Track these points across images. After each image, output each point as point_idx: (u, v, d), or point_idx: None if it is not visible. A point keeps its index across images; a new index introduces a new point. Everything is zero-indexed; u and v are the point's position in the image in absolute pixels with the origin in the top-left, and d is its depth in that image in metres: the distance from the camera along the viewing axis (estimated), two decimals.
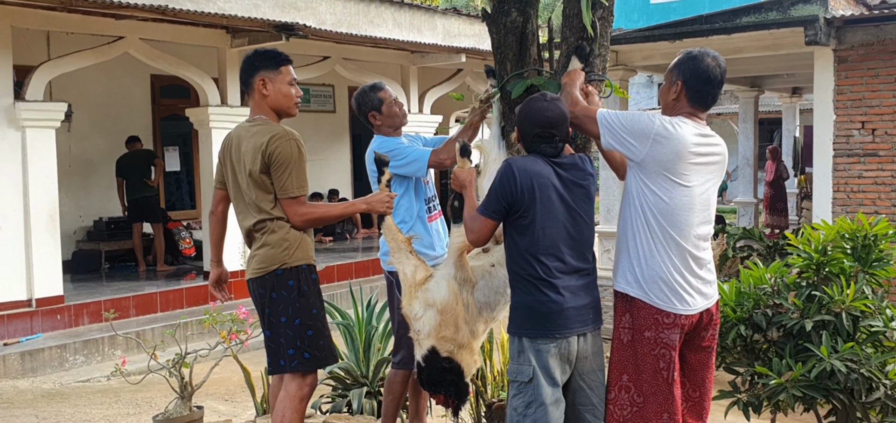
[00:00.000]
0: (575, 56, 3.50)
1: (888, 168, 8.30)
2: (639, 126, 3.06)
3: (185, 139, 12.72)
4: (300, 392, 3.42)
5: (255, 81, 3.51)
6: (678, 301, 3.06)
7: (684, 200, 3.05)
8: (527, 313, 3.04)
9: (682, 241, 3.07)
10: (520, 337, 3.06)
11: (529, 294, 3.03)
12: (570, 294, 3.03)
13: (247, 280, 3.56)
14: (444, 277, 3.35)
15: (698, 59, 3.13)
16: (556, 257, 3.03)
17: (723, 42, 8.92)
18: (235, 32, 9.65)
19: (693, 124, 3.10)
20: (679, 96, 3.13)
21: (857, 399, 3.87)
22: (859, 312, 3.92)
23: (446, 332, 3.29)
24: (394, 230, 3.58)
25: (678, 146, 3.01)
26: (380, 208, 3.56)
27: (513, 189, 3.01)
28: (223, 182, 3.67)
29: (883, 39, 8.25)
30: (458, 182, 3.33)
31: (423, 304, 3.33)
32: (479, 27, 13.56)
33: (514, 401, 3.07)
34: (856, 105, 8.34)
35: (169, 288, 9.62)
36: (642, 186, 3.07)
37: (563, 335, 3.01)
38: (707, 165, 3.14)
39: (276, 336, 3.44)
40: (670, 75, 3.20)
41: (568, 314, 3.01)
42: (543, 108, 3.10)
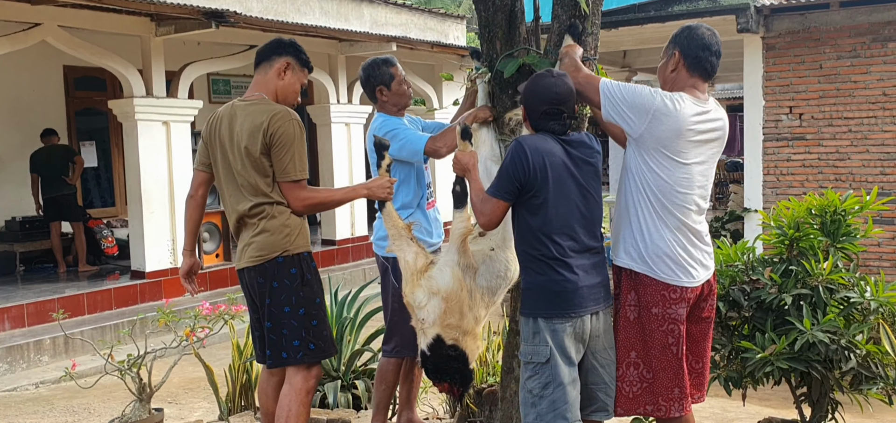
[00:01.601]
0: (568, 34, 3.46)
1: (815, 151, 8.66)
2: (640, 101, 3.04)
3: (102, 134, 12.11)
4: (306, 385, 3.26)
5: (282, 60, 3.40)
6: (683, 275, 3.08)
7: (683, 177, 3.06)
8: (541, 294, 2.99)
9: (682, 216, 3.08)
10: (534, 318, 3.01)
11: (543, 274, 2.99)
12: (584, 273, 3.01)
13: (241, 269, 3.36)
14: (448, 263, 3.26)
15: (693, 28, 3.18)
16: (569, 236, 3.00)
17: (656, 30, 9.11)
18: (161, 20, 9.21)
19: (692, 101, 3.11)
20: (678, 67, 3.14)
21: (835, 369, 3.99)
22: (835, 284, 4.03)
23: (451, 319, 3.21)
24: (394, 216, 3.46)
25: (677, 124, 3.01)
26: (380, 194, 3.43)
27: (525, 168, 2.95)
28: (207, 163, 3.47)
29: (808, 27, 8.60)
30: (461, 166, 3.24)
31: (426, 292, 3.23)
32: (405, 16, 13.46)
33: (529, 383, 3.02)
34: (783, 90, 8.67)
35: (95, 289, 9.13)
36: (641, 162, 3.07)
37: (579, 314, 2.98)
38: (706, 142, 3.15)
39: (277, 327, 3.26)
40: (667, 49, 3.22)
41: (582, 293, 2.98)
42: (551, 84, 3.05)
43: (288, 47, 3.44)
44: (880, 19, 8.27)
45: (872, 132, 8.38)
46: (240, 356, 5.02)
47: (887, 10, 8.22)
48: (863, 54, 8.36)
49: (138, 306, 9.31)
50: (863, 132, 8.42)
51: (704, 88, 3.20)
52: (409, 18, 13.41)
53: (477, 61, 3.77)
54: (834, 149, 8.58)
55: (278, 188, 3.27)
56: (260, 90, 3.37)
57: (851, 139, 8.49)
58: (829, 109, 8.58)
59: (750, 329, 4.25)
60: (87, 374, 6.53)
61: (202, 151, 3.49)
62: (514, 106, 3.62)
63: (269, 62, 3.40)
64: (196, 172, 3.53)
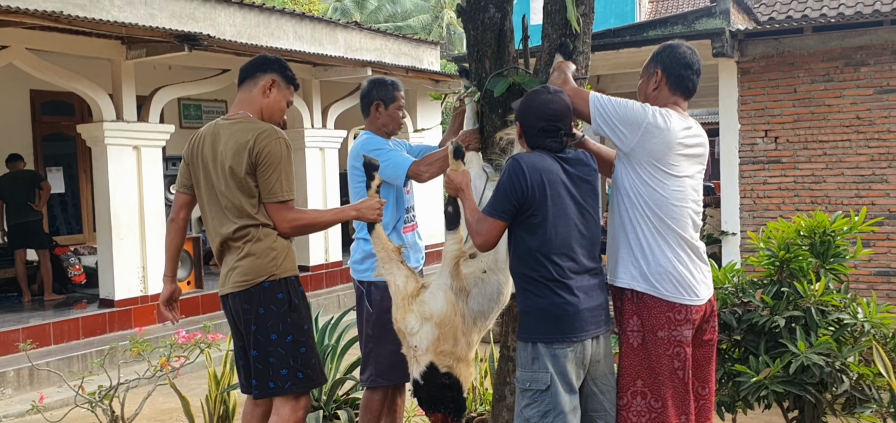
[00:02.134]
0: (559, 53, 3.40)
1: (790, 174, 8.71)
2: (631, 115, 2.99)
3: (69, 159, 11.84)
4: (295, 416, 3.12)
5: (267, 77, 3.28)
6: (687, 293, 3.00)
7: (677, 190, 3.01)
8: (541, 317, 2.87)
9: (681, 231, 3.02)
10: (533, 342, 2.88)
11: (542, 297, 2.87)
12: (584, 295, 2.89)
13: (224, 295, 3.21)
14: (441, 287, 3.14)
15: (675, 47, 3.16)
16: (568, 256, 2.89)
17: (632, 55, 9.13)
18: (132, 43, 9.03)
19: (678, 116, 3.07)
20: (660, 85, 3.11)
21: (829, 392, 3.94)
22: (828, 306, 3.99)
23: (445, 346, 3.08)
24: (383, 239, 3.34)
25: (667, 138, 2.97)
26: (370, 216, 3.31)
27: (523, 186, 2.84)
28: (189, 185, 3.33)
29: (782, 51, 8.68)
30: (453, 186, 3.11)
31: (418, 317, 3.10)
32: (380, 41, 13.41)
33: (526, 411, 2.88)
34: (759, 114, 8.72)
35: (62, 318, 8.85)
36: (634, 178, 3.01)
37: (580, 339, 2.86)
38: (694, 156, 3.11)
39: (264, 356, 3.11)
40: (647, 68, 3.20)
41: (583, 316, 2.87)
42: (548, 100, 2.97)
43: (273, 64, 3.33)
44: (852, 44, 8.37)
45: (847, 155, 8.45)
46: (217, 386, 4.85)
47: (859, 35, 8.33)
48: (836, 78, 8.45)
49: (107, 335, 9.05)
50: (837, 155, 8.49)
51: (685, 106, 3.15)
52: (384, 44, 13.35)
53: (466, 80, 3.70)
54: (809, 172, 8.63)
55: (264, 210, 3.14)
56: (244, 108, 3.25)
57: (826, 162, 8.56)
58: (803, 132, 8.64)
59: (741, 352, 4.20)
60: (53, 407, 6.30)
61: (184, 172, 3.34)
62: (503, 125, 3.55)
63: (253, 80, 3.28)
64: (177, 194, 3.39)
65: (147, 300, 9.57)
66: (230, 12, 10.95)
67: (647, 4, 27.54)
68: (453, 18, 37.06)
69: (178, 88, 10.11)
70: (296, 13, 11.71)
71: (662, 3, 29.02)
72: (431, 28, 35.83)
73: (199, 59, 9.90)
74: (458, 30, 36.67)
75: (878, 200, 8.08)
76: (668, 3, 29.07)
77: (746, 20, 9.54)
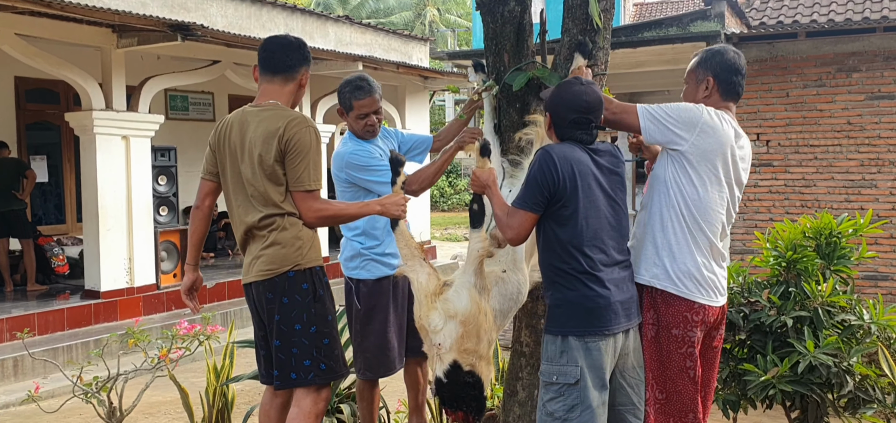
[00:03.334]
0: (578, 53, 3.38)
1: (781, 178, 8.78)
2: (686, 115, 2.98)
3: (53, 148, 11.67)
4: (316, 408, 3.08)
5: (303, 70, 3.23)
6: (706, 295, 3.00)
7: (718, 196, 3.01)
8: (573, 310, 2.82)
9: (712, 236, 3.02)
10: (564, 336, 2.83)
11: (574, 289, 2.82)
12: (615, 288, 2.86)
13: (248, 284, 3.16)
14: (465, 285, 3.09)
15: (723, 53, 3.13)
16: (599, 248, 2.85)
17: (627, 55, 9.17)
18: (123, 31, 8.92)
19: (729, 120, 3.07)
20: (711, 92, 3.10)
21: (835, 393, 3.97)
22: (834, 307, 4.03)
23: (469, 344, 3.05)
24: (406, 235, 3.30)
25: (722, 138, 2.96)
26: (394, 211, 3.26)
27: (555, 177, 2.80)
28: (214, 172, 3.27)
29: (775, 56, 8.75)
30: (479, 183, 3.06)
31: (442, 315, 3.07)
32: (370, 36, 13.36)
33: (550, 405, 2.84)
34: (751, 118, 8.78)
35: (45, 309, 8.72)
36: (681, 175, 2.99)
37: (612, 332, 2.82)
38: (741, 161, 3.10)
39: (287, 346, 3.07)
40: (696, 74, 3.16)
41: (615, 309, 2.83)
42: (580, 92, 2.92)
43: (306, 54, 3.26)
44: (845, 50, 8.45)
45: (837, 160, 8.54)
46: (217, 378, 4.79)
47: (851, 41, 8.41)
48: (828, 84, 8.53)
49: (93, 327, 8.94)
50: (828, 159, 8.57)
51: (734, 111, 3.16)
52: (374, 39, 13.30)
53: (483, 74, 3.67)
54: (800, 175, 8.71)
55: (291, 199, 3.10)
56: (273, 98, 3.19)
57: (817, 167, 8.64)
58: (795, 136, 8.71)
59: (747, 352, 4.22)
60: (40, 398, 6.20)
61: (209, 159, 3.29)
62: (520, 119, 3.54)
63: (292, 74, 3.20)
64: (202, 181, 3.33)
65: (133, 292, 9.45)
66: (222, 3, 10.86)
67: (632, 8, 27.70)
68: (436, 15, 37.04)
69: (169, 77, 9.99)
70: (287, 6, 11.62)
71: (646, 8, 29.20)
72: (414, 25, 35.80)
73: (188, 50, 9.79)
74: (440, 27, 36.67)
75: (867, 204, 8.16)
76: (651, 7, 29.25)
77: (739, 24, 9.60)
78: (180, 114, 13.25)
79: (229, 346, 4.94)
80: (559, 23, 3.57)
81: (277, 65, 3.21)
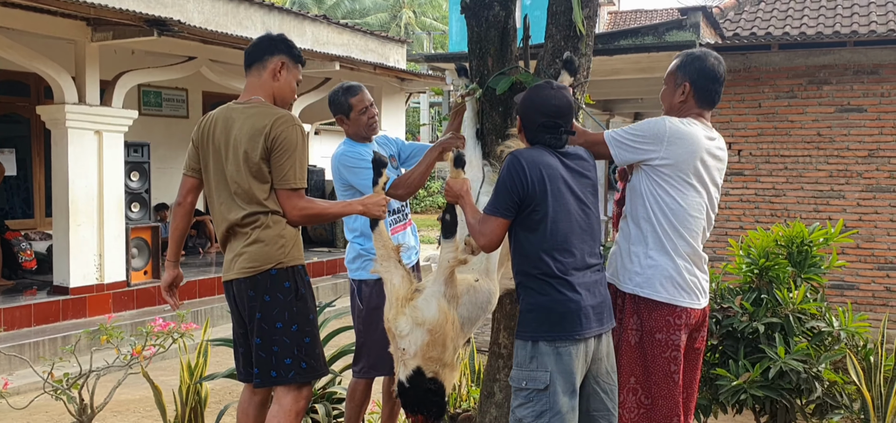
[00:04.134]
0: (565, 70, 3.40)
1: (752, 187, 8.92)
2: (651, 131, 3.02)
3: (22, 141, 11.48)
4: (296, 406, 3.07)
5: (275, 60, 3.21)
6: (687, 298, 3.05)
7: (695, 201, 3.05)
8: (544, 315, 2.82)
9: (691, 240, 3.07)
10: (534, 341, 2.82)
11: (544, 294, 2.82)
12: (587, 292, 2.85)
13: (228, 281, 3.15)
14: (434, 294, 3.13)
15: (703, 59, 3.15)
16: (570, 252, 2.85)
17: (602, 63, 9.24)
18: (98, 25, 8.80)
19: (701, 126, 3.11)
20: (687, 97, 3.13)
21: (804, 398, 4.05)
22: (805, 314, 4.11)
23: (434, 352, 3.08)
24: (384, 236, 3.34)
25: (693, 145, 3.00)
26: (375, 212, 3.30)
27: (524, 182, 2.81)
28: (197, 169, 3.26)
29: (748, 67, 8.89)
30: (452, 193, 3.08)
31: (410, 321, 3.11)
32: (347, 37, 13.33)
33: (520, 411, 2.84)
34: (724, 127, 8.90)
35: (12, 305, 8.56)
36: (656, 187, 3.03)
37: (583, 336, 2.82)
38: (716, 167, 3.15)
39: (268, 344, 3.06)
40: (674, 77, 3.19)
41: (587, 313, 2.83)
42: (550, 96, 2.94)
43: (279, 44, 3.27)
44: (816, 63, 8.61)
45: (807, 170, 8.69)
46: (190, 376, 4.76)
47: (823, 54, 8.58)
48: (799, 95, 8.68)
49: (61, 323, 8.81)
50: (798, 170, 8.72)
51: (708, 117, 3.20)
52: (351, 39, 13.28)
53: (466, 78, 3.70)
54: (770, 185, 8.85)
55: (274, 197, 3.10)
56: (255, 94, 3.19)
57: (787, 176, 8.78)
58: (766, 146, 8.85)
59: (719, 357, 4.29)
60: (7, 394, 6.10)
61: (192, 155, 3.28)
62: (504, 123, 3.57)
63: (261, 63, 3.22)
64: (184, 178, 3.32)
65: (102, 289, 9.33)
66: None
67: (606, 16, 27.94)
68: (412, 18, 37.05)
69: (143, 73, 9.90)
70: (264, 4, 11.57)
71: (621, 16, 29.48)
72: (389, 27, 35.76)
73: (163, 46, 9.71)
74: (416, 29, 36.68)
75: (835, 215, 8.32)
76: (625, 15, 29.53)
77: (714, 35, 9.74)
78: (154, 110, 13.11)
79: (203, 344, 4.91)
80: (542, 28, 3.61)
81: (249, 58, 3.28)
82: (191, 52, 10.32)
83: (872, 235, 8.49)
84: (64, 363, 4.86)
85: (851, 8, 9.08)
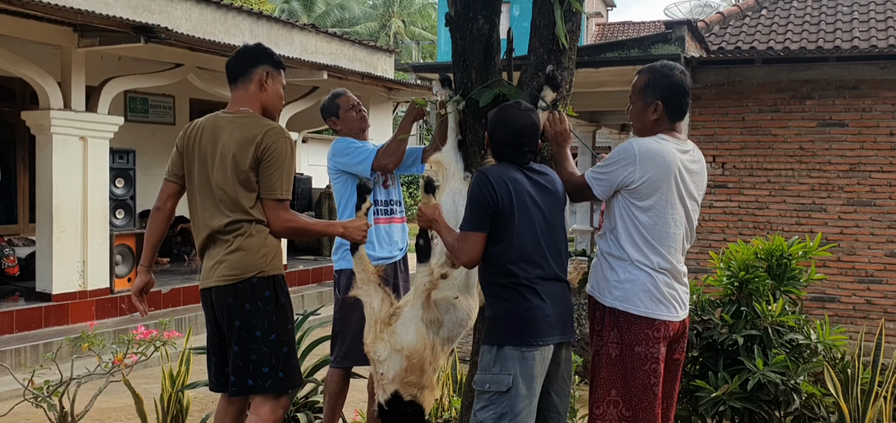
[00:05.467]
0: (547, 86, 3.45)
1: (736, 199, 8.99)
2: (623, 158, 3.07)
3: (5, 146, 11.42)
4: (274, 415, 3.08)
5: (259, 70, 3.24)
6: (665, 311, 3.09)
7: (671, 218, 3.09)
8: (509, 320, 2.93)
9: (668, 255, 3.10)
10: (500, 346, 2.93)
11: (510, 301, 2.94)
12: (551, 300, 2.97)
13: (207, 288, 3.16)
14: (412, 319, 3.19)
15: (670, 75, 3.16)
16: (535, 263, 2.97)
17: (589, 75, 9.30)
18: (85, 31, 8.79)
19: (673, 141, 3.14)
20: (660, 115, 3.15)
21: (782, 410, 4.09)
22: (783, 326, 4.15)
23: (411, 377, 3.17)
24: (365, 260, 3.43)
25: (665, 161, 3.03)
26: (356, 236, 3.38)
27: (494, 196, 2.93)
28: (180, 175, 3.28)
29: (732, 81, 8.97)
30: (425, 218, 3.18)
31: (388, 347, 3.15)
32: (336, 46, 13.36)
33: (481, 414, 2.94)
34: (708, 140, 8.98)
35: None
36: (631, 207, 3.07)
37: (546, 342, 2.94)
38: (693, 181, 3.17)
39: (246, 353, 3.07)
40: (643, 96, 3.19)
41: (551, 321, 2.95)
42: (516, 116, 3.06)
43: (260, 55, 3.30)
44: (799, 78, 8.71)
45: (790, 183, 8.77)
46: (172, 384, 4.75)
47: (805, 69, 8.67)
48: (783, 109, 8.77)
49: (42, 330, 8.75)
50: (781, 183, 8.80)
51: (681, 129, 3.23)
52: (340, 48, 13.31)
53: (449, 89, 3.73)
54: (754, 198, 8.93)
55: (260, 206, 3.12)
56: (244, 106, 3.22)
57: (770, 190, 8.86)
58: (750, 159, 8.94)
59: (699, 368, 4.32)
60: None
61: (175, 161, 3.29)
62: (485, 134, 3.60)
63: (246, 76, 3.25)
64: (166, 183, 3.33)
65: (85, 296, 9.29)
66: (186, 6, 10.78)
67: (594, 28, 28.12)
68: (401, 27, 37.14)
69: (130, 79, 9.88)
70: (253, 12, 11.59)
71: (609, 28, 29.66)
72: (378, 36, 35.84)
73: (150, 52, 9.69)
74: (405, 39, 36.79)
75: (816, 228, 8.40)
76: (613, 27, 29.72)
77: (698, 48, 9.82)
78: (140, 117, 13.07)
79: (186, 352, 4.90)
80: (526, 41, 3.64)
81: (233, 72, 3.30)
82: (178, 59, 10.31)
83: (853, 248, 8.57)
84: (45, 370, 4.85)
85: (834, 24, 9.19)
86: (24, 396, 4.54)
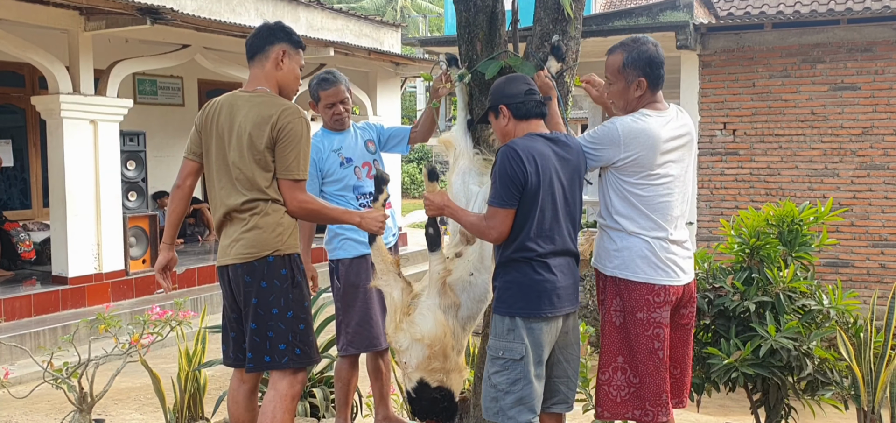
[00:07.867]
0: (552, 56, 3.43)
1: (747, 166, 8.95)
2: (607, 137, 3.08)
3: (18, 132, 11.49)
4: (292, 390, 3.12)
5: (276, 48, 3.23)
6: (664, 276, 3.10)
7: (664, 189, 3.10)
8: (521, 292, 2.97)
9: (664, 223, 3.11)
10: (512, 316, 2.98)
11: (522, 273, 2.97)
12: (561, 274, 3.02)
13: (223, 266, 3.18)
14: (430, 308, 3.22)
15: (646, 50, 3.14)
16: (550, 238, 3.00)
17: (597, 44, 9.23)
18: (91, 14, 8.80)
19: (656, 114, 3.12)
20: (644, 92, 3.14)
21: (795, 375, 4.09)
22: (795, 292, 4.14)
23: (435, 364, 3.21)
24: (383, 251, 3.43)
25: (650, 138, 3.03)
26: (372, 227, 3.36)
27: (524, 171, 2.91)
28: (198, 153, 3.29)
29: (742, 46, 8.89)
30: (434, 206, 3.18)
31: (409, 337, 3.18)
32: (342, 22, 13.31)
33: (495, 377, 3.01)
34: (718, 107, 8.92)
35: (12, 295, 8.61)
36: (621, 182, 3.09)
37: (555, 314, 3.00)
38: (680, 147, 3.17)
39: (263, 330, 3.11)
40: (624, 75, 3.15)
41: (560, 293, 3.00)
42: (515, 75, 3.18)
43: (278, 33, 3.28)
44: (810, 41, 8.62)
45: (801, 149, 8.72)
46: (189, 363, 4.80)
47: (816, 32, 8.58)
48: (793, 74, 8.70)
49: (60, 313, 8.85)
50: (792, 149, 8.75)
51: (660, 97, 3.22)
52: (346, 24, 13.26)
53: (455, 68, 3.71)
54: (765, 164, 8.88)
55: (276, 186, 3.14)
56: (260, 84, 3.23)
57: (781, 155, 8.81)
58: (761, 125, 8.88)
59: (711, 336, 4.33)
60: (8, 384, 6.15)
61: (194, 139, 3.31)
62: None
63: (263, 53, 3.24)
64: (185, 161, 3.34)
65: (101, 278, 9.38)
66: None
67: None
68: (407, 1, 36.94)
69: (137, 61, 9.89)
70: None
71: None
72: (385, 10, 35.65)
73: (157, 34, 9.70)
74: (411, 13, 36.60)
75: (828, 193, 8.35)
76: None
77: (707, 14, 9.75)
78: (149, 98, 13.10)
79: (201, 331, 4.95)
80: (531, 11, 3.62)
81: (251, 49, 3.30)
82: (185, 39, 10.32)
83: (866, 212, 8.52)
84: (63, 352, 4.91)
85: None
86: (43, 378, 4.60)
